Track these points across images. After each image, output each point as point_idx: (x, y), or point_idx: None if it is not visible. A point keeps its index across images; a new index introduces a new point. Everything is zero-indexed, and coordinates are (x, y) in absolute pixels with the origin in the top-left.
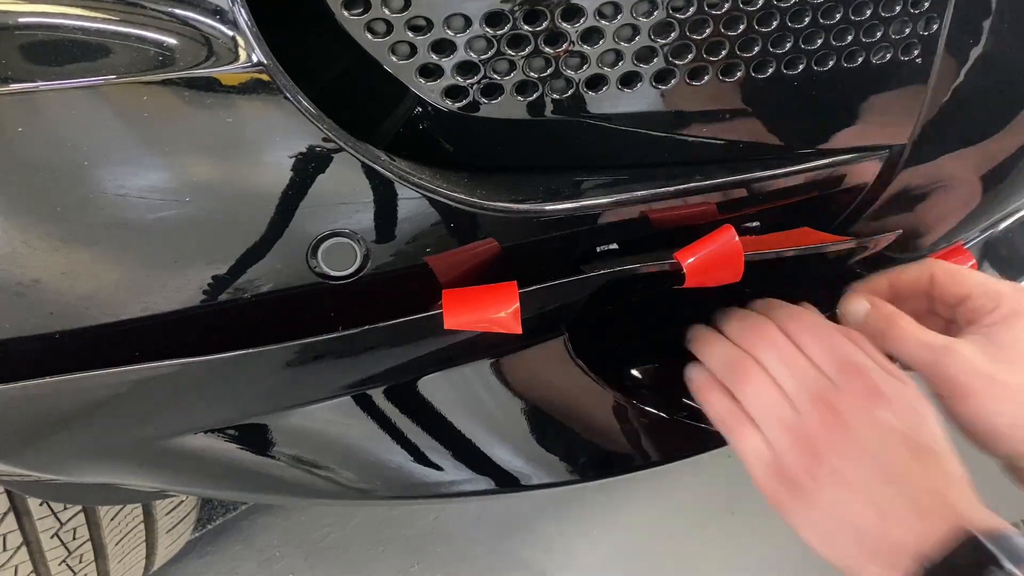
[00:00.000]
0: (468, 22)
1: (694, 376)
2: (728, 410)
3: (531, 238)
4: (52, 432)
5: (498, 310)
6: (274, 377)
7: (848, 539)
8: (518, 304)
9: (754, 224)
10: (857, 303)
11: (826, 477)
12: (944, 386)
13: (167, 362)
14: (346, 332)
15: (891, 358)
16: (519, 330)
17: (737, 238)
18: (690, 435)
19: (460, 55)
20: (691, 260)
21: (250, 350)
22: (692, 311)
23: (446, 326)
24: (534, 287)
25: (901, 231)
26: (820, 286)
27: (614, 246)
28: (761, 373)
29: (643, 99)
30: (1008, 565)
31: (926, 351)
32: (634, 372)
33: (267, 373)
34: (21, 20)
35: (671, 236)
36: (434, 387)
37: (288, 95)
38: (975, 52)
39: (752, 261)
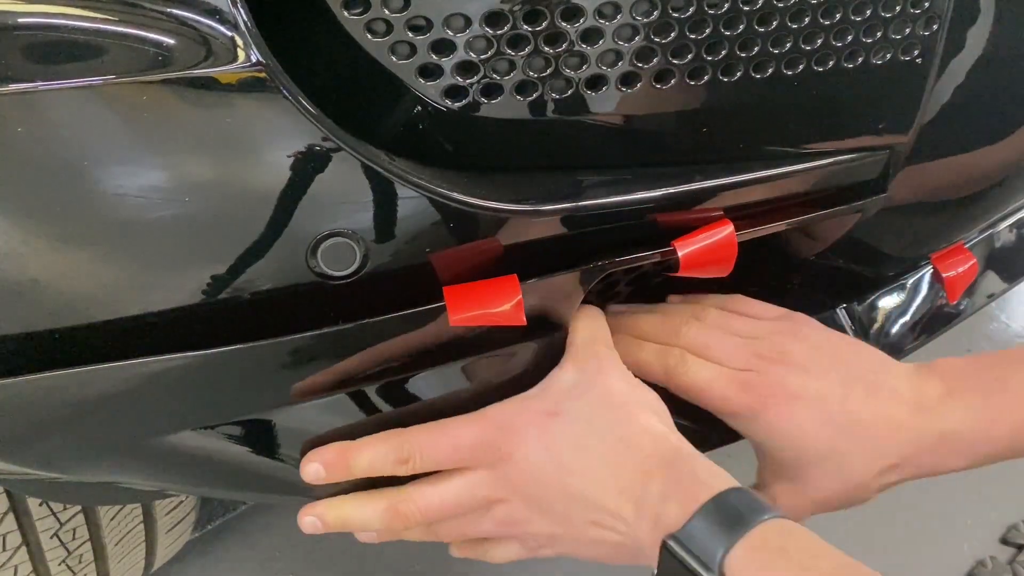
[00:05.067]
0: (468, 22)
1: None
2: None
3: (531, 237)
4: (54, 428)
5: (501, 303)
6: (270, 373)
7: (608, 559)
8: (520, 296)
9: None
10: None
11: (544, 540)
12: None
13: (166, 356)
14: (340, 327)
15: None
16: (523, 321)
17: (732, 229)
18: (691, 433)
19: (460, 55)
20: (687, 250)
21: (246, 344)
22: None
23: (451, 323)
24: (532, 280)
25: (885, 193)
26: (813, 280)
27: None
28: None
29: (643, 99)
30: None
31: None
32: None
33: (262, 369)
34: (20, 20)
35: (670, 235)
36: (430, 383)
37: (287, 95)
38: (976, 53)
39: (741, 249)
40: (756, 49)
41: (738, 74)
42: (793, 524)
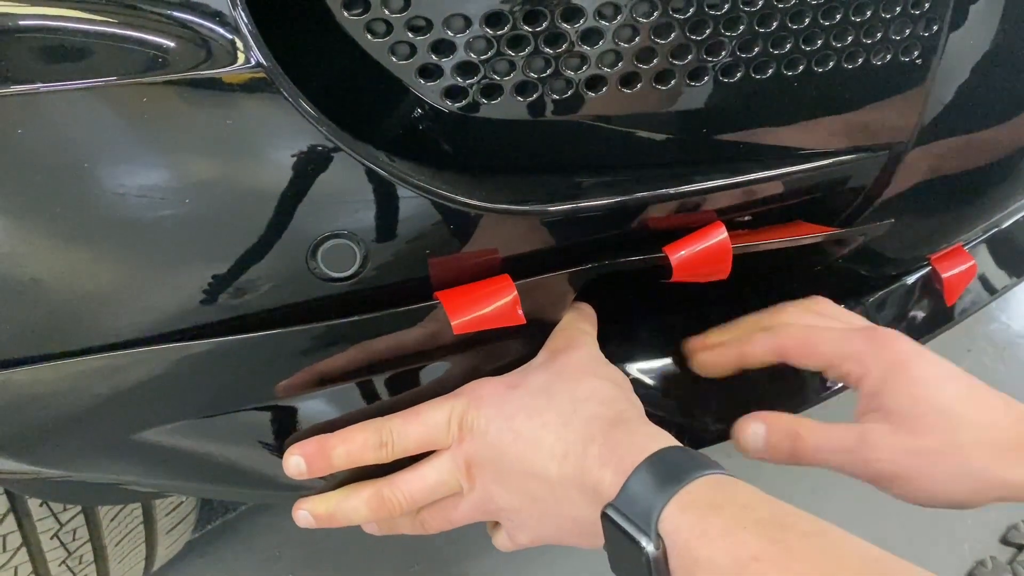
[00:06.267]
0: (468, 22)
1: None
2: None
3: (530, 238)
4: (54, 424)
5: (497, 304)
6: (266, 365)
7: (577, 540)
8: (516, 295)
9: (746, 218)
10: (753, 428)
11: (514, 518)
12: (877, 478)
13: (169, 345)
14: (335, 322)
15: None
16: (522, 320)
17: (726, 235)
18: (678, 429)
19: (460, 55)
20: (680, 254)
21: (244, 335)
22: (679, 307)
23: (454, 330)
24: (525, 280)
25: (893, 220)
26: (813, 282)
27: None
28: (427, 511)
29: (643, 100)
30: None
31: (841, 455)
32: (625, 368)
33: (259, 361)
34: (22, 23)
35: (669, 236)
36: (426, 378)
37: (288, 96)
38: (976, 52)
39: (742, 255)
40: (756, 50)
41: (738, 75)
42: (730, 478)
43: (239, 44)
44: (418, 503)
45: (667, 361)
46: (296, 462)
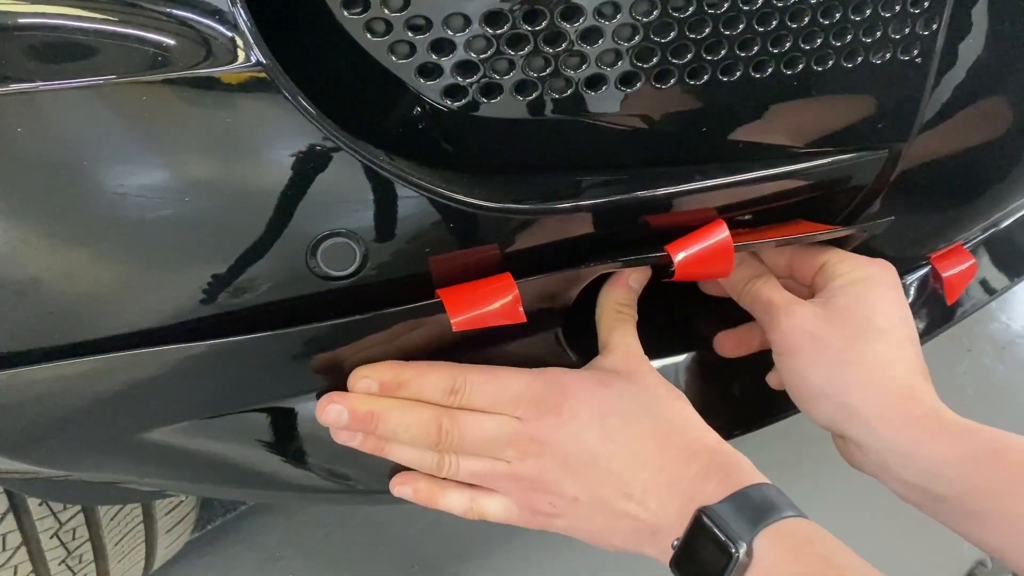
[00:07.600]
0: (467, 21)
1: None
2: (467, 494)
3: (530, 237)
4: (56, 424)
5: (497, 302)
6: (266, 367)
7: (610, 539)
8: (517, 293)
9: (746, 216)
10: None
11: (561, 505)
12: (776, 342)
13: (168, 347)
14: (336, 320)
15: None
16: (523, 319)
17: (728, 234)
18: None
19: (459, 55)
20: (681, 255)
21: (244, 336)
22: (682, 305)
23: (454, 328)
24: (527, 279)
25: (892, 217)
26: None
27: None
28: (465, 457)
29: (643, 98)
30: (722, 532)
31: (764, 308)
32: None
33: (259, 363)
34: (21, 21)
35: (669, 235)
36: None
37: (287, 95)
38: (976, 50)
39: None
40: (755, 49)
41: (737, 74)
42: (817, 525)
43: (239, 42)
44: (463, 449)
45: (667, 361)
46: (367, 385)
